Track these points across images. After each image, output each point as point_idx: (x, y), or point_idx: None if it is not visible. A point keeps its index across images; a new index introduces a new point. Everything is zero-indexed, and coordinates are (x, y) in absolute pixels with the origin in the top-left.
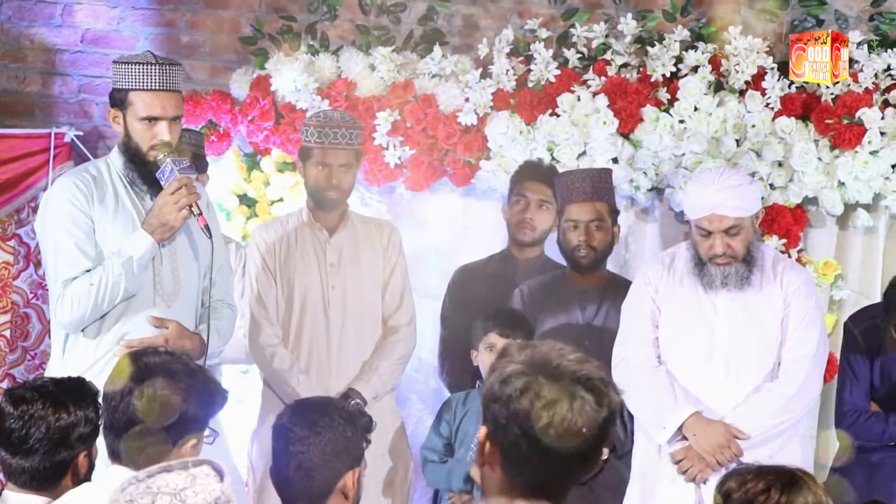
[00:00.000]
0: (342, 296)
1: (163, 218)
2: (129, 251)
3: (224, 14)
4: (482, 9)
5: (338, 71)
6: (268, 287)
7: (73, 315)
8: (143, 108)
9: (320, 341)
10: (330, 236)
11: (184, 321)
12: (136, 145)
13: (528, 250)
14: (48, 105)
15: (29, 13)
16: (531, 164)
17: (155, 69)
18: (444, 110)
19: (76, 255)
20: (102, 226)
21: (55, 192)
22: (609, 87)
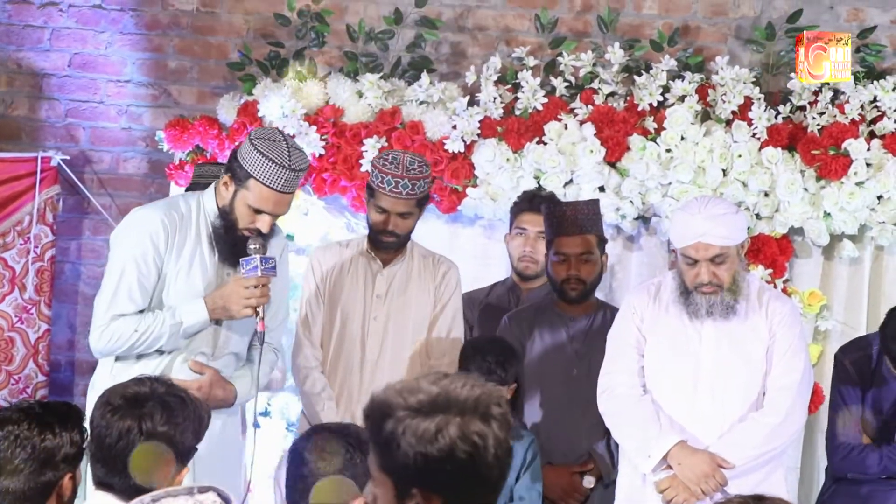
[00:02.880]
0: (382, 327)
1: (227, 304)
2: (183, 317)
3: (212, 40)
4: (469, 37)
5: (325, 97)
6: (315, 309)
7: (107, 347)
8: (257, 200)
9: (353, 370)
10: (383, 267)
11: (224, 371)
12: (234, 220)
13: (533, 281)
14: (35, 129)
15: (17, 37)
16: (529, 196)
17: (285, 174)
18: (431, 137)
19: (135, 292)
20: (171, 271)
21: (142, 220)
22: (596, 116)
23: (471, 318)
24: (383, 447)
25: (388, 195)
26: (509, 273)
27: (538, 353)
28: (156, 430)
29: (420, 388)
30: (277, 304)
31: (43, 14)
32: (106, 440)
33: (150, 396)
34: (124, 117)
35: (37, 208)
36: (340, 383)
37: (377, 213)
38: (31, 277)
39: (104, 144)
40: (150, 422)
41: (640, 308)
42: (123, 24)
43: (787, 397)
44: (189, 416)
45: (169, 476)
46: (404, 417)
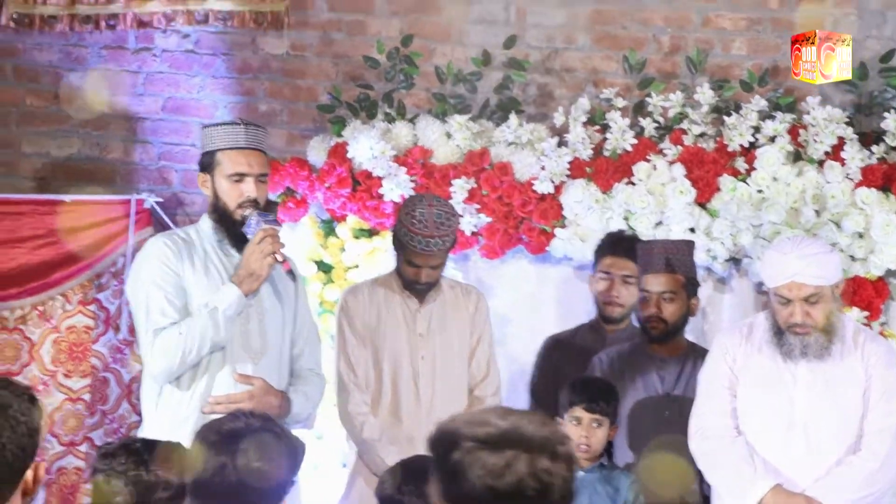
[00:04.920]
0: (431, 366)
1: (249, 268)
2: (216, 303)
3: (301, 83)
4: (557, 79)
5: (414, 138)
6: (358, 353)
7: (162, 364)
8: (230, 166)
9: (411, 412)
10: (420, 305)
11: (270, 379)
12: (223, 205)
13: (617, 322)
14: (129, 172)
15: (111, 82)
16: (614, 238)
17: (240, 129)
18: (519, 178)
19: (166, 307)
20: (191, 283)
21: (146, 252)
22: (686, 157)
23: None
24: (449, 477)
25: (419, 253)
26: (593, 314)
27: (629, 394)
28: (250, 465)
29: (489, 422)
30: (302, 325)
31: (137, 59)
32: (202, 476)
33: (246, 432)
34: None
35: (131, 250)
36: (402, 426)
37: (408, 265)
38: (125, 318)
39: (196, 187)
40: (244, 458)
41: (733, 348)
42: (215, 68)
43: (885, 441)
44: (283, 451)
45: None
46: (473, 449)
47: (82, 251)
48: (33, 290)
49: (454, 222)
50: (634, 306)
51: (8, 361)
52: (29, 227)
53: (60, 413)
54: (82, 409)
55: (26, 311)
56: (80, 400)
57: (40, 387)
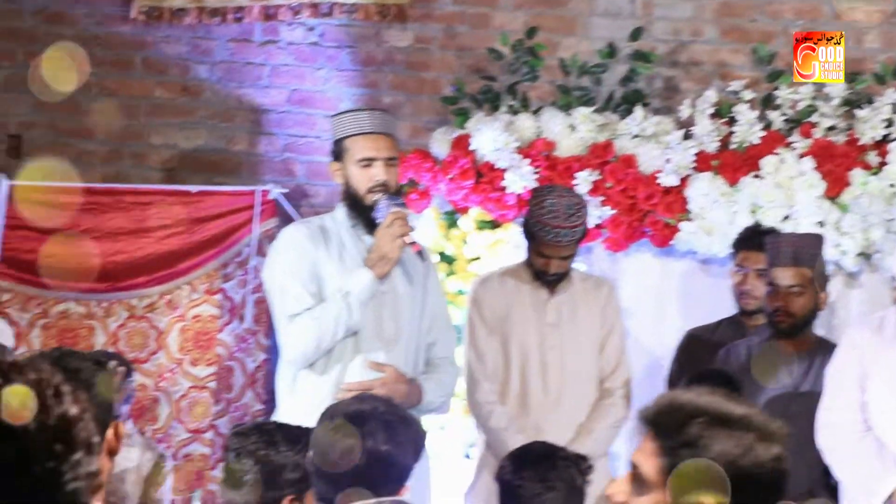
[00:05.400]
0: (560, 356)
1: (381, 251)
2: (349, 287)
3: (425, 75)
4: (683, 71)
5: (538, 131)
6: (487, 342)
7: (297, 349)
8: (359, 151)
9: (538, 402)
10: (550, 296)
11: (401, 367)
12: (355, 190)
13: (756, 317)
14: (254, 163)
15: (238, 74)
16: (749, 232)
17: (366, 115)
18: (644, 171)
19: (300, 293)
20: (327, 270)
21: (282, 240)
22: (816, 150)
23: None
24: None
25: (549, 244)
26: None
27: (755, 389)
28: (377, 448)
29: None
30: (436, 312)
31: (263, 52)
32: (328, 458)
33: (372, 415)
34: None
35: (255, 241)
36: (530, 416)
37: (538, 256)
38: (250, 308)
39: (320, 178)
40: (371, 440)
41: (862, 342)
42: (340, 60)
43: None
44: (409, 435)
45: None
46: (712, 425)
47: (208, 241)
48: (161, 278)
49: (585, 213)
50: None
51: (136, 349)
52: (157, 217)
53: (187, 400)
54: (208, 396)
55: (154, 299)
56: (205, 388)
57: (167, 374)
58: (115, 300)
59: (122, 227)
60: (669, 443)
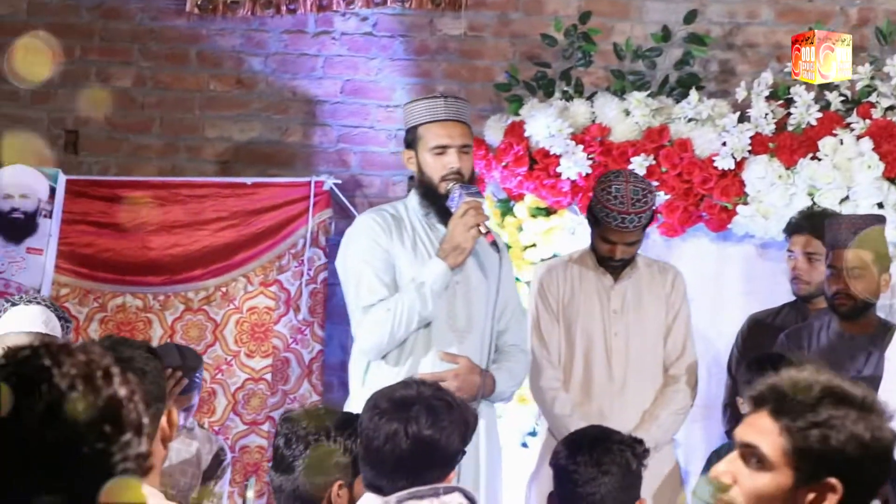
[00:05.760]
0: (625, 343)
1: (454, 241)
2: (423, 277)
3: (479, 63)
4: (739, 54)
5: (592, 116)
6: (551, 329)
7: (371, 340)
8: (432, 139)
9: (603, 389)
10: (614, 282)
11: (474, 358)
12: (428, 178)
13: (818, 300)
14: (308, 154)
15: (292, 66)
16: (799, 216)
17: (440, 102)
18: (699, 155)
19: (375, 284)
20: (400, 259)
21: (356, 229)
22: (874, 130)
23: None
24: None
25: (615, 230)
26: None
27: None
28: (421, 433)
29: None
30: (507, 300)
31: (317, 42)
32: (374, 443)
33: (417, 400)
34: (393, 142)
35: (310, 232)
36: (593, 402)
37: (603, 242)
38: (305, 299)
39: (374, 168)
40: (415, 425)
41: None
42: (393, 50)
43: None
44: (455, 419)
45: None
46: (841, 406)
47: (263, 233)
48: (216, 271)
49: (651, 199)
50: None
51: (193, 342)
52: (212, 209)
53: (243, 392)
54: (264, 388)
55: (210, 292)
56: (262, 380)
57: (224, 366)
58: (171, 293)
59: (178, 220)
60: (798, 423)
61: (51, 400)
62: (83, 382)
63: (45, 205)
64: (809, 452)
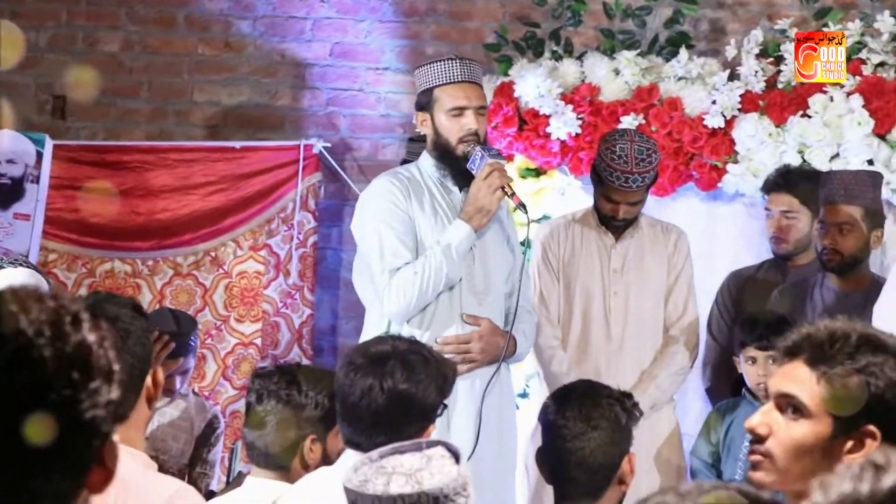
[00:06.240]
0: (623, 302)
1: (478, 203)
2: (449, 239)
3: (469, 25)
4: (730, 12)
5: (581, 76)
6: (550, 287)
7: (400, 303)
8: (448, 100)
9: (600, 348)
10: (615, 241)
11: (494, 319)
12: (445, 140)
13: (798, 258)
14: (297, 118)
15: (280, 29)
16: (773, 174)
17: (456, 63)
18: (689, 114)
19: (398, 247)
20: (420, 222)
21: (373, 191)
22: (864, 87)
23: (738, 294)
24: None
25: (618, 189)
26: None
27: None
28: (397, 387)
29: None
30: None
31: (305, 5)
32: (350, 399)
33: (392, 354)
34: (383, 104)
35: (300, 195)
36: (590, 361)
37: (606, 201)
38: (295, 263)
39: (363, 132)
40: (391, 380)
41: None
42: (382, 12)
43: None
44: (431, 373)
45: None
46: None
47: (252, 197)
48: (205, 236)
49: (655, 158)
50: (804, 241)
51: (182, 306)
52: (200, 173)
53: (233, 357)
54: (254, 353)
55: (199, 256)
56: (251, 344)
57: (213, 331)
58: (160, 258)
59: (166, 184)
60: (837, 370)
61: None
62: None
63: (33, 170)
64: (848, 399)
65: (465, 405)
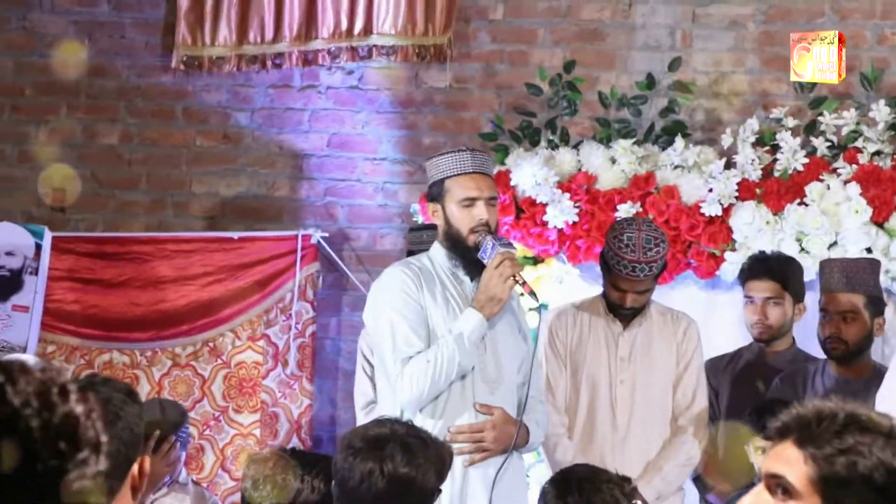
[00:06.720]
0: (630, 391)
1: (489, 292)
2: (461, 328)
3: (465, 115)
4: (724, 102)
5: (578, 164)
6: (557, 374)
7: (413, 392)
8: (460, 191)
9: (605, 436)
10: (624, 329)
11: (507, 408)
12: (456, 231)
13: (776, 343)
14: (295, 208)
15: (278, 120)
16: (752, 261)
17: (467, 155)
18: (686, 202)
19: (410, 336)
20: (432, 311)
21: (385, 281)
22: (861, 175)
23: (714, 382)
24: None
25: (626, 278)
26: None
27: None
28: (397, 471)
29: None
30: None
31: (303, 97)
32: (349, 483)
33: (391, 437)
34: (380, 194)
35: (298, 285)
36: (595, 450)
37: (613, 289)
38: (294, 353)
39: (361, 221)
40: (391, 463)
41: None
42: (379, 103)
43: None
44: (430, 456)
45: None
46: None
47: (251, 287)
48: (204, 326)
49: (664, 248)
50: (786, 326)
51: (181, 397)
52: (199, 264)
53: (232, 448)
54: (253, 444)
55: (197, 347)
56: (250, 435)
57: (212, 422)
58: (158, 349)
59: (165, 275)
60: (825, 450)
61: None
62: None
63: (31, 262)
64: (836, 479)
65: (478, 494)
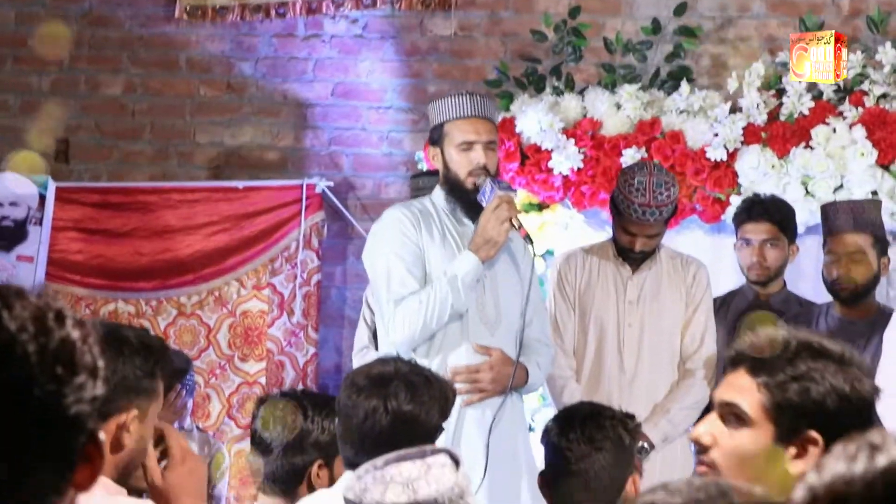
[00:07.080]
0: (638, 334)
1: (486, 234)
2: (455, 270)
3: (470, 62)
4: (731, 48)
5: (583, 111)
6: (566, 317)
7: (404, 332)
8: (458, 135)
9: (612, 379)
10: (633, 273)
11: (506, 349)
12: (454, 175)
13: (770, 286)
14: (300, 158)
15: (282, 70)
16: (748, 203)
17: (466, 99)
18: (692, 146)
19: (406, 276)
20: (430, 253)
21: (384, 222)
22: (867, 118)
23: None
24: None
25: (636, 222)
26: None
27: None
28: (401, 409)
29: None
30: (535, 301)
31: (307, 46)
32: (353, 421)
33: (395, 376)
34: (385, 143)
35: (303, 234)
36: (602, 392)
37: (623, 233)
38: (299, 302)
39: (366, 170)
40: (395, 401)
41: None
42: (384, 51)
43: None
44: (434, 394)
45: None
46: (819, 359)
47: (256, 237)
48: (209, 275)
49: (674, 192)
50: (781, 268)
51: (186, 346)
52: (203, 214)
53: (237, 396)
54: (259, 392)
55: (203, 296)
56: (256, 383)
57: (217, 371)
58: (163, 298)
59: (169, 225)
60: (777, 377)
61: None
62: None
63: (35, 212)
64: (789, 406)
65: (474, 435)
